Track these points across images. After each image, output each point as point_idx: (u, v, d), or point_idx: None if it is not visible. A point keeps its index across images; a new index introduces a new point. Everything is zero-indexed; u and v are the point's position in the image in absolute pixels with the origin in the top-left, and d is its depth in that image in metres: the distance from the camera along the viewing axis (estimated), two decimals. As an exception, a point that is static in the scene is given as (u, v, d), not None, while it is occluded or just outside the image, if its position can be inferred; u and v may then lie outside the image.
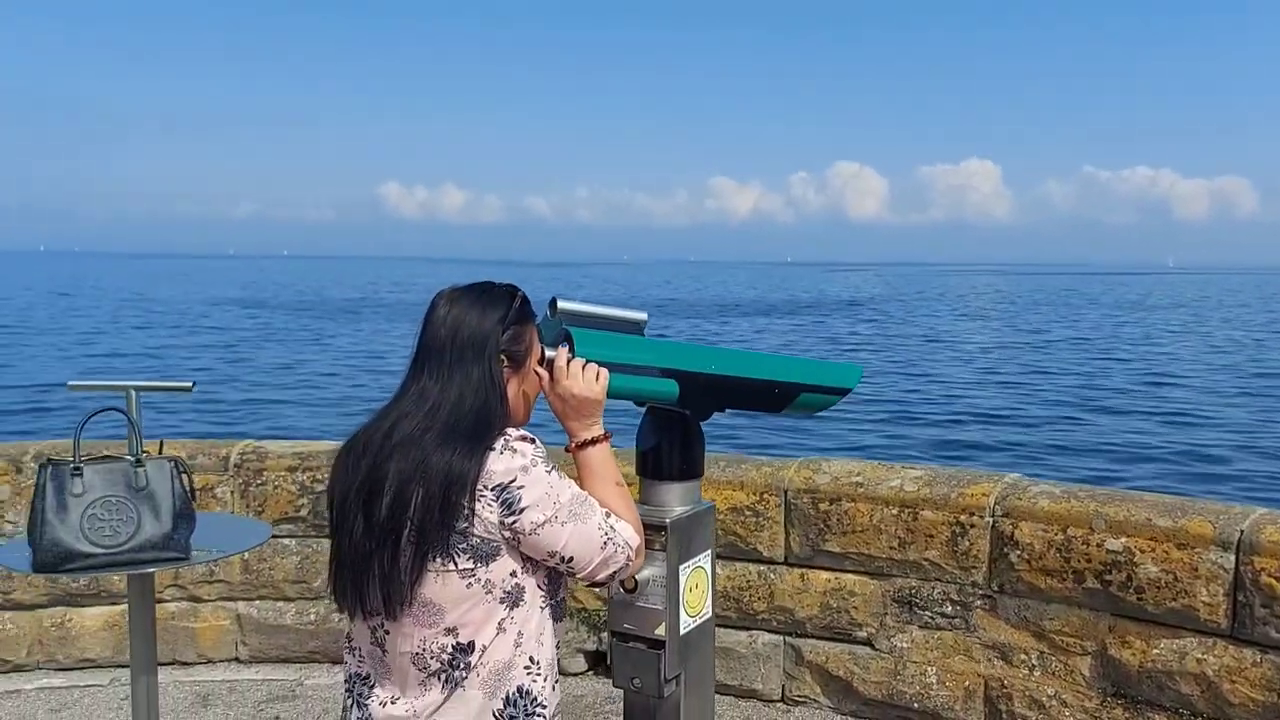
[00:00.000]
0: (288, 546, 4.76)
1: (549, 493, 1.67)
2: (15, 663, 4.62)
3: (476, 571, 1.65)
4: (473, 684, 1.66)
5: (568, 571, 1.73)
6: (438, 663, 1.66)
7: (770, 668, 4.35)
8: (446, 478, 1.61)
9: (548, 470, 1.69)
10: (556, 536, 1.67)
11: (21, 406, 19.30)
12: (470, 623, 1.66)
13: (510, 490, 1.64)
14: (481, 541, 1.64)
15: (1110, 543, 3.65)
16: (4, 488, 4.57)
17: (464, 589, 1.65)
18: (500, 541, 1.66)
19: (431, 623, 1.65)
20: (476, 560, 1.64)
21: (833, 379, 2.25)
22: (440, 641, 1.66)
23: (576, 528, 1.69)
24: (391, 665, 1.70)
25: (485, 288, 1.78)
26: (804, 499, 4.25)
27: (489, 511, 1.63)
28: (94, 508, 2.58)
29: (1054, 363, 27.65)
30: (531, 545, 1.68)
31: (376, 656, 1.72)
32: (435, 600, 1.64)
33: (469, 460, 1.63)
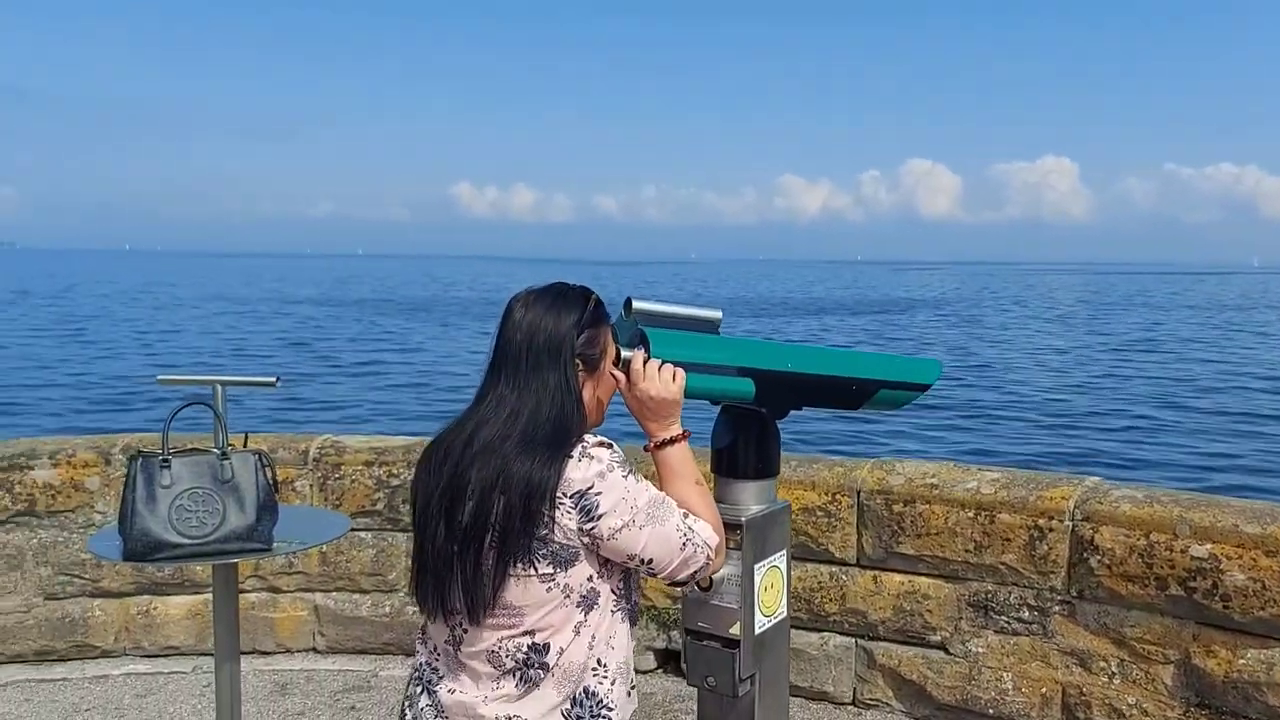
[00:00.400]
0: (364, 540, 4.85)
1: (626, 497, 1.68)
2: (103, 649, 4.78)
3: (556, 576, 1.67)
4: (547, 683, 1.69)
5: (648, 573, 1.74)
6: (513, 661, 1.68)
7: (841, 670, 4.31)
8: (527, 487, 1.64)
9: (624, 475, 1.70)
10: (635, 540, 1.69)
11: (110, 398, 19.95)
12: (549, 625, 1.69)
13: (588, 497, 1.66)
14: (561, 547, 1.66)
15: (1195, 549, 3.55)
16: (94, 478, 4.72)
17: (544, 593, 1.67)
18: (579, 547, 1.68)
19: (511, 625, 1.68)
20: (556, 565, 1.67)
21: (911, 375, 2.22)
22: (517, 641, 1.68)
23: (655, 530, 1.70)
24: (465, 662, 1.72)
25: (560, 290, 1.80)
26: (877, 500, 4.21)
27: (568, 519, 1.65)
28: (181, 499, 2.66)
29: (1133, 364, 26.97)
30: (611, 549, 1.69)
31: (450, 653, 1.75)
32: (516, 603, 1.67)
33: (548, 469, 1.65)
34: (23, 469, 4.67)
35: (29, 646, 4.70)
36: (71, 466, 4.70)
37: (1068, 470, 10.43)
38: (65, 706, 4.30)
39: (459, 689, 1.72)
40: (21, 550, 4.67)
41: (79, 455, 4.72)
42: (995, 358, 28.47)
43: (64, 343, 31.07)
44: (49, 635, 4.71)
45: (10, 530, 4.67)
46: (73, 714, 4.24)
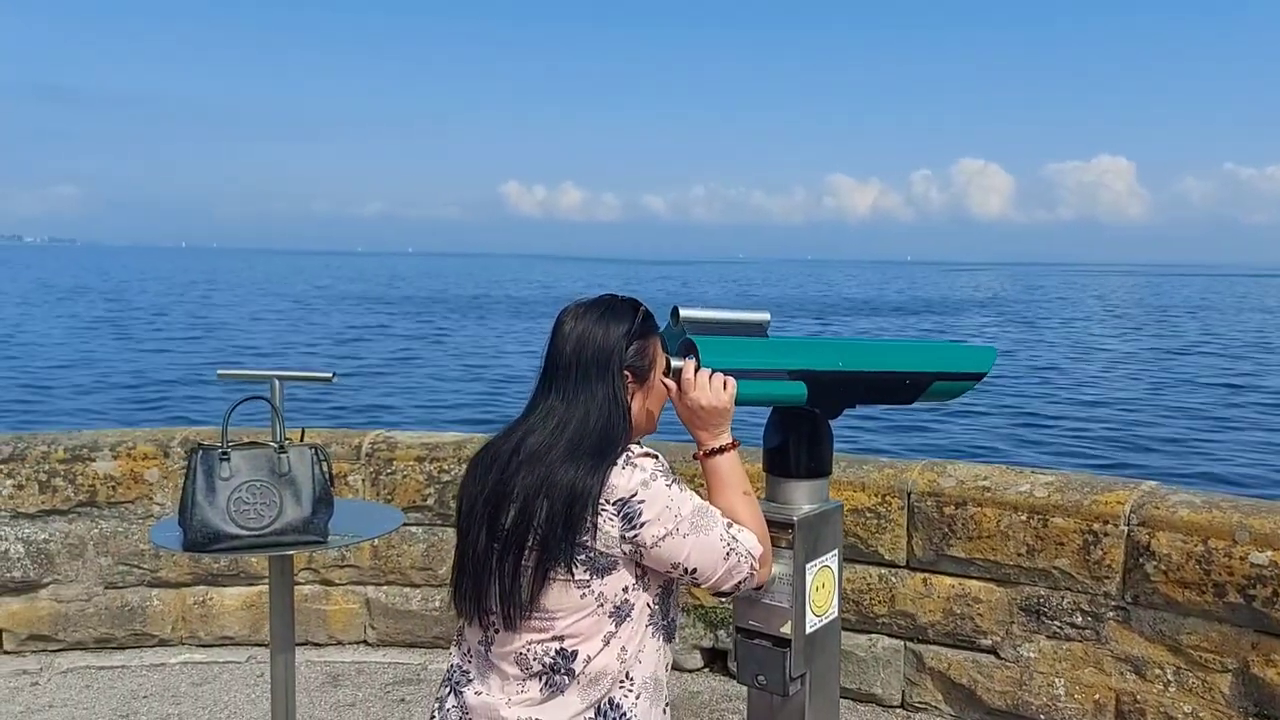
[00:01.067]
0: (415, 535, 4.91)
1: (670, 506, 1.69)
2: (161, 638, 4.88)
3: (592, 584, 1.68)
4: (572, 690, 1.70)
5: (692, 582, 1.74)
6: (540, 665, 1.70)
7: (890, 673, 4.29)
8: (571, 493, 1.65)
9: (668, 484, 1.71)
10: (678, 549, 1.69)
11: (170, 393, 20.37)
12: (579, 633, 1.70)
13: (631, 505, 1.67)
14: (600, 555, 1.67)
15: (1255, 556, 3.49)
16: (153, 471, 4.82)
17: (578, 599, 1.68)
18: (619, 556, 1.69)
19: (542, 629, 1.70)
20: (593, 573, 1.68)
21: (966, 364, 2.19)
22: (546, 646, 1.70)
23: (698, 539, 1.70)
24: (494, 663, 1.74)
25: (609, 303, 1.82)
26: (928, 502, 4.18)
27: (610, 525, 1.67)
28: (240, 491, 2.71)
29: (1193, 368, 26.44)
30: (654, 558, 1.70)
31: (481, 654, 1.77)
32: (549, 608, 1.69)
33: (592, 476, 1.67)
34: (85, 460, 4.78)
35: (89, 634, 4.81)
36: (132, 459, 4.81)
37: (1125, 475, 10.27)
38: (123, 693, 4.40)
39: (485, 691, 1.74)
40: (83, 540, 4.78)
41: (139, 448, 4.83)
42: (1053, 360, 28.03)
43: (119, 338, 31.73)
44: (109, 623, 4.82)
45: (73, 520, 4.78)
46: (131, 700, 4.33)
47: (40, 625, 4.77)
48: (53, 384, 21.54)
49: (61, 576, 4.78)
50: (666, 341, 1.91)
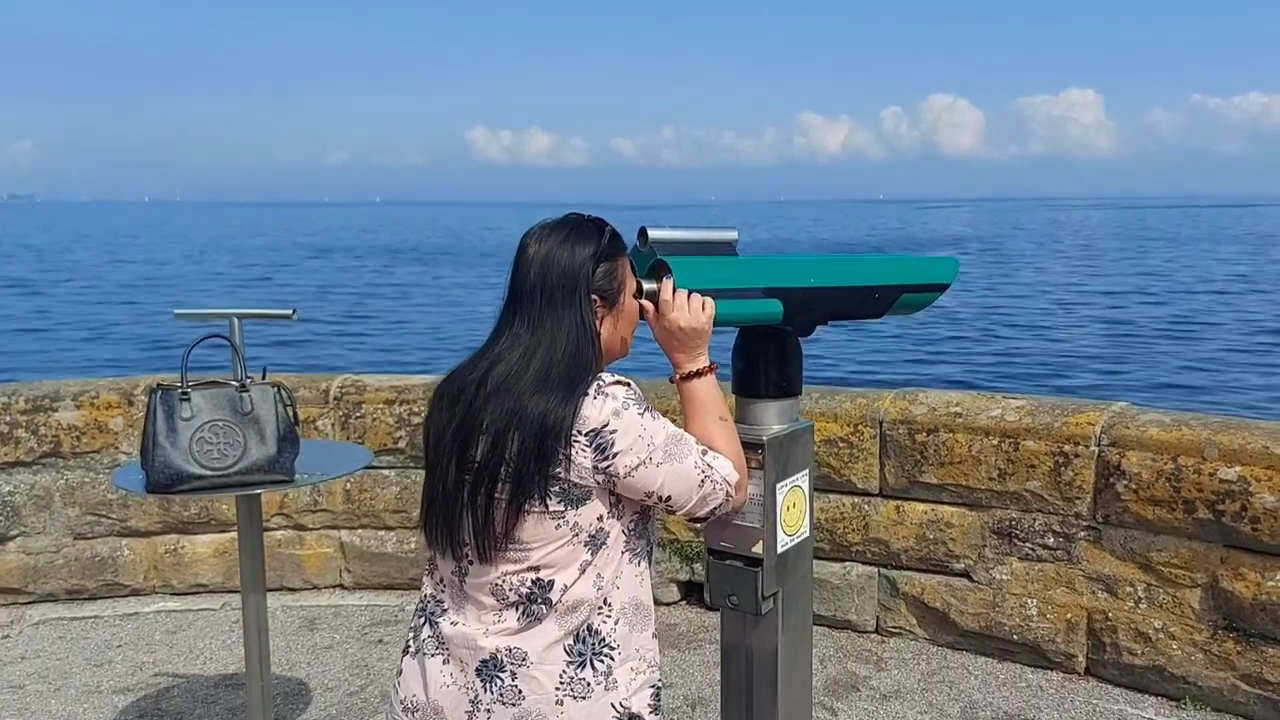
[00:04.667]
0: (387, 477, 4.87)
1: (642, 435, 1.65)
2: (133, 587, 4.84)
3: (566, 514, 1.65)
4: (549, 619, 1.67)
5: (667, 510, 1.72)
6: (516, 595, 1.67)
7: (865, 599, 4.32)
8: (542, 426, 1.61)
9: (641, 413, 1.67)
10: (652, 478, 1.66)
11: (131, 342, 20.27)
12: (555, 563, 1.67)
13: (604, 435, 1.63)
14: (574, 486, 1.64)
15: (1224, 472, 3.51)
16: (117, 419, 4.75)
17: (553, 530, 1.65)
18: (592, 486, 1.65)
19: (517, 560, 1.67)
20: (567, 504, 1.65)
21: (931, 276, 2.18)
22: (522, 576, 1.67)
23: (672, 468, 1.67)
24: (469, 594, 1.71)
25: (574, 224, 1.75)
26: (900, 430, 4.18)
27: (583, 457, 1.63)
28: (202, 431, 2.65)
29: (1158, 300, 26.68)
30: (628, 488, 1.67)
31: (455, 585, 1.74)
32: (524, 539, 1.66)
33: (564, 407, 1.62)
34: (47, 411, 4.70)
35: (60, 586, 4.77)
36: (95, 408, 4.73)
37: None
38: (97, 643, 4.37)
39: (461, 621, 1.71)
40: (49, 491, 4.72)
41: (102, 397, 4.75)
42: (1022, 294, 28.16)
43: (81, 291, 31.35)
44: (79, 574, 4.77)
45: (38, 471, 4.71)
46: (105, 650, 4.30)
47: (9, 578, 4.72)
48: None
49: (29, 529, 4.71)
50: (635, 264, 1.86)
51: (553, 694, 1.65)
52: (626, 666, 1.72)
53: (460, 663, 1.69)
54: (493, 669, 1.66)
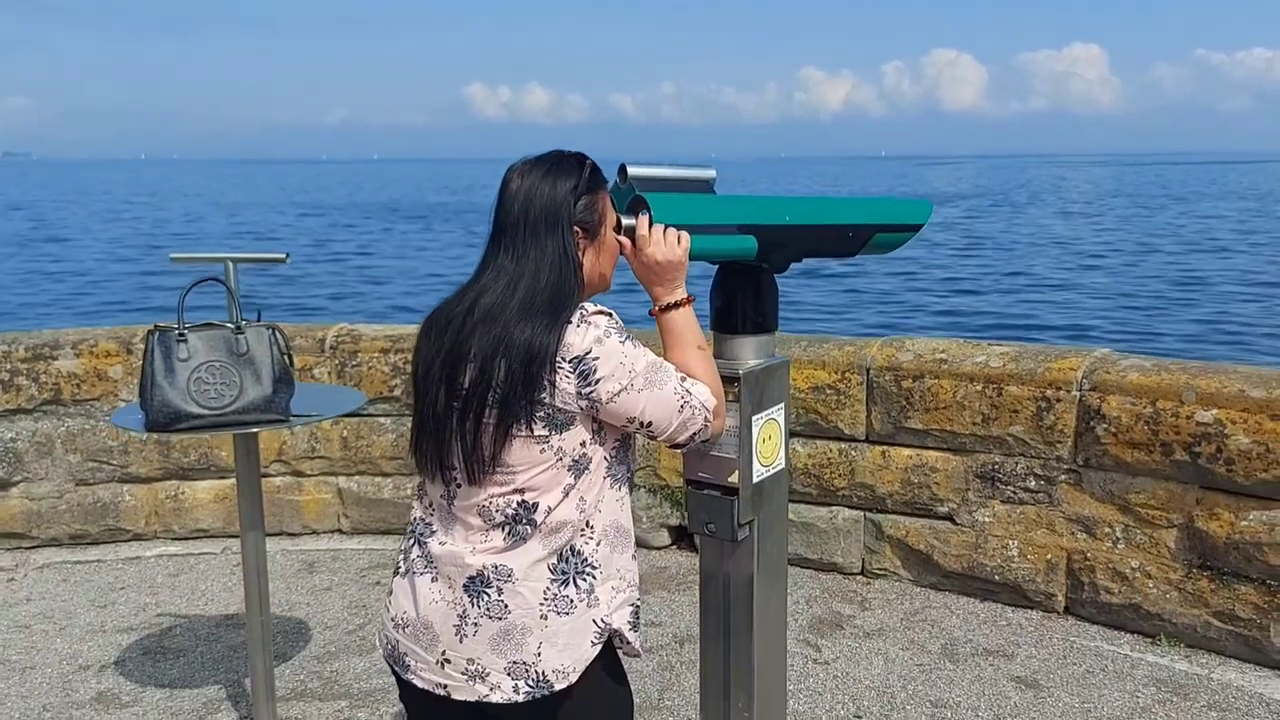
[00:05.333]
0: (383, 425, 4.95)
1: (624, 362, 1.72)
2: (135, 532, 4.94)
3: (550, 439, 1.72)
4: (534, 539, 1.74)
5: (648, 436, 1.78)
6: (502, 516, 1.74)
7: (850, 542, 4.41)
8: (528, 353, 1.67)
9: (622, 340, 1.73)
10: (634, 404, 1.73)
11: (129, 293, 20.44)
12: (539, 485, 1.73)
13: (586, 362, 1.69)
14: (558, 411, 1.70)
15: (1200, 415, 3.58)
16: (116, 367, 4.82)
17: (538, 454, 1.72)
18: (576, 411, 1.72)
19: (503, 482, 1.74)
20: (552, 428, 1.71)
21: (905, 216, 2.23)
22: (508, 498, 1.74)
23: (653, 394, 1.74)
24: (457, 516, 1.78)
25: (555, 159, 1.80)
26: (886, 377, 4.25)
27: (566, 383, 1.69)
28: (199, 371, 2.72)
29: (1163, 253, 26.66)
30: (610, 413, 1.73)
31: (443, 508, 1.81)
32: (510, 463, 1.72)
33: (548, 335, 1.68)
34: (47, 359, 4.77)
35: (63, 530, 4.86)
36: (94, 356, 4.80)
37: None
38: (101, 585, 4.47)
39: (449, 541, 1.78)
40: (50, 438, 4.80)
41: (101, 345, 4.81)
42: (1023, 252, 28.11)
43: (69, 249, 31.37)
44: (82, 519, 4.87)
45: (39, 419, 4.79)
46: (108, 592, 4.40)
47: (12, 523, 4.81)
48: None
49: (31, 475, 4.80)
50: (615, 201, 1.91)
51: (537, 609, 1.73)
52: (608, 585, 1.80)
53: (448, 580, 1.76)
54: (480, 585, 1.74)
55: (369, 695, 3.47)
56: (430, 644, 1.77)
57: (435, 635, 1.76)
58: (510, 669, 1.73)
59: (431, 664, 1.77)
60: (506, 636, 1.73)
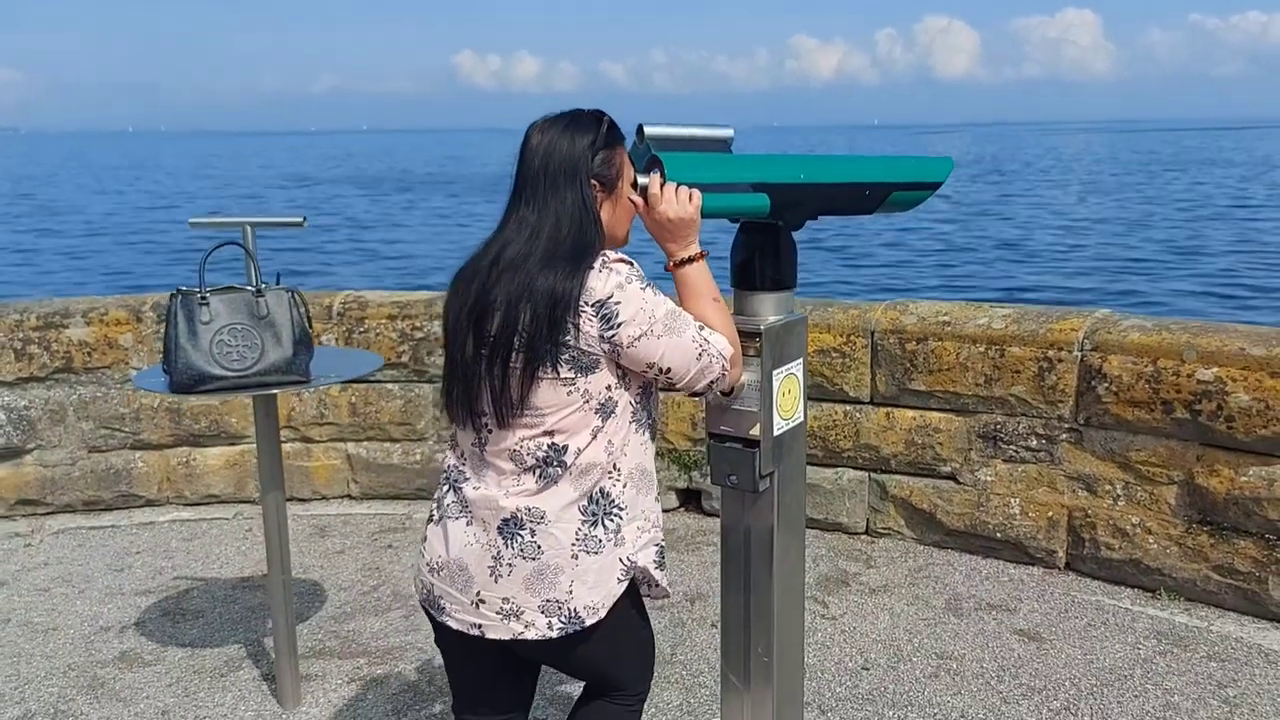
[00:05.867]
0: (392, 391, 5.00)
1: (644, 307, 1.77)
2: (148, 498, 4.99)
3: (577, 381, 1.78)
4: (564, 480, 1.81)
5: (667, 382, 1.84)
6: (533, 459, 1.81)
7: (855, 502, 4.48)
8: (551, 297, 1.73)
9: (643, 287, 1.79)
10: (653, 349, 1.78)
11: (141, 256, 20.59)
12: (567, 428, 1.80)
13: (608, 306, 1.75)
14: (582, 354, 1.76)
15: (1201, 373, 3.65)
16: (127, 336, 4.85)
17: (565, 396, 1.78)
18: (600, 355, 1.78)
19: (533, 425, 1.80)
20: (577, 371, 1.77)
21: (923, 174, 2.25)
22: (538, 440, 1.80)
23: (672, 340, 1.80)
24: (489, 461, 1.85)
25: (574, 115, 1.86)
26: (890, 339, 4.31)
27: (590, 326, 1.75)
28: (221, 334, 2.77)
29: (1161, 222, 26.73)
30: (631, 358, 1.79)
31: (476, 455, 1.88)
32: (539, 405, 1.79)
33: (571, 280, 1.74)
34: (58, 328, 4.81)
35: (77, 497, 4.92)
36: (105, 324, 4.84)
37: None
38: (116, 550, 4.53)
39: (483, 485, 1.85)
40: (63, 406, 4.84)
41: (111, 314, 4.85)
42: (1022, 222, 28.13)
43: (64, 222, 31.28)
44: (95, 486, 4.92)
45: (51, 387, 4.84)
46: (124, 556, 4.46)
47: (27, 490, 4.87)
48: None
49: (45, 442, 4.85)
50: (634, 161, 1.96)
51: (568, 549, 1.80)
52: (633, 525, 1.87)
53: (483, 523, 1.83)
54: (513, 527, 1.80)
55: (386, 653, 3.55)
56: (465, 585, 1.84)
57: (470, 577, 1.83)
58: (544, 607, 1.80)
59: (466, 605, 1.84)
60: (540, 576, 1.80)
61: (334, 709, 3.21)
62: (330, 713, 3.19)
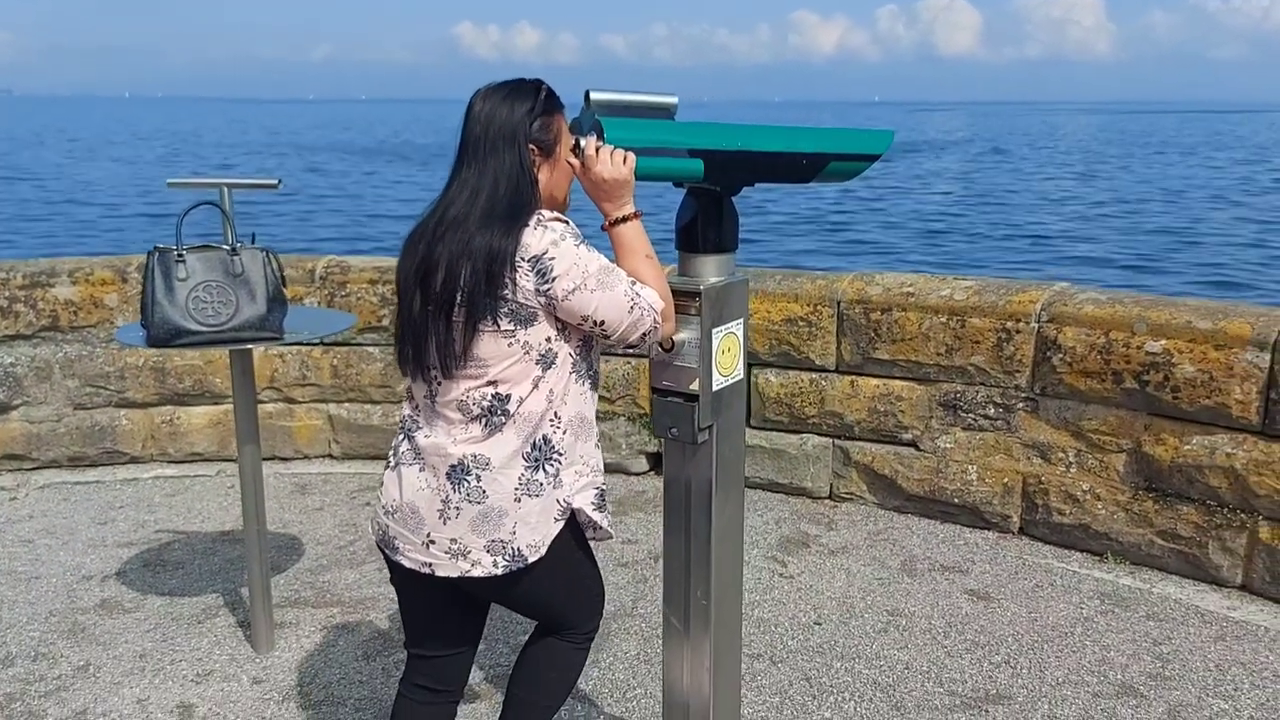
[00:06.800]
0: (372, 354, 5.12)
1: (578, 263, 1.89)
2: (132, 455, 5.12)
3: (516, 333, 1.90)
4: (508, 429, 1.94)
5: (601, 335, 1.96)
6: (479, 409, 1.93)
7: (819, 468, 4.61)
8: (489, 254, 1.86)
9: (577, 244, 1.91)
10: (587, 302, 1.90)
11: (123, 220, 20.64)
12: (509, 378, 1.92)
13: (543, 261, 1.87)
14: (520, 307, 1.89)
15: (1150, 345, 3.77)
16: (112, 296, 4.96)
17: (505, 348, 1.90)
18: (537, 308, 1.90)
19: (477, 376, 1.92)
20: (517, 324, 1.89)
21: (861, 146, 2.33)
22: (483, 391, 1.93)
23: (605, 295, 1.92)
24: (440, 411, 1.98)
25: (514, 84, 1.99)
26: (856, 309, 4.42)
27: (526, 280, 1.87)
28: (197, 290, 2.88)
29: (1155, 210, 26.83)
30: (566, 310, 1.91)
31: (428, 406, 2.00)
32: (481, 356, 1.91)
33: (507, 237, 1.87)
34: (45, 286, 4.91)
35: (62, 453, 5.04)
36: (90, 284, 4.94)
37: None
38: (100, 504, 4.66)
39: (433, 434, 1.97)
40: (49, 363, 4.96)
41: (97, 274, 4.95)
42: (1019, 204, 28.19)
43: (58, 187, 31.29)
44: (80, 442, 5.04)
45: (37, 344, 4.94)
46: (108, 510, 4.59)
47: (13, 445, 4.98)
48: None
49: (31, 399, 4.97)
50: (582, 125, 2.06)
51: (512, 493, 1.93)
52: (571, 470, 1.99)
53: (433, 469, 1.95)
54: (460, 473, 1.93)
55: (359, 603, 3.68)
56: (416, 527, 1.96)
57: (421, 519, 1.95)
58: (489, 546, 1.93)
59: (418, 544, 1.97)
60: (485, 518, 1.92)
61: (305, 653, 3.34)
62: (301, 656, 3.32)
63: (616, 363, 4.85)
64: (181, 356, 4.97)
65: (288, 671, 3.23)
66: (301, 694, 3.11)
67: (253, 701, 3.07)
